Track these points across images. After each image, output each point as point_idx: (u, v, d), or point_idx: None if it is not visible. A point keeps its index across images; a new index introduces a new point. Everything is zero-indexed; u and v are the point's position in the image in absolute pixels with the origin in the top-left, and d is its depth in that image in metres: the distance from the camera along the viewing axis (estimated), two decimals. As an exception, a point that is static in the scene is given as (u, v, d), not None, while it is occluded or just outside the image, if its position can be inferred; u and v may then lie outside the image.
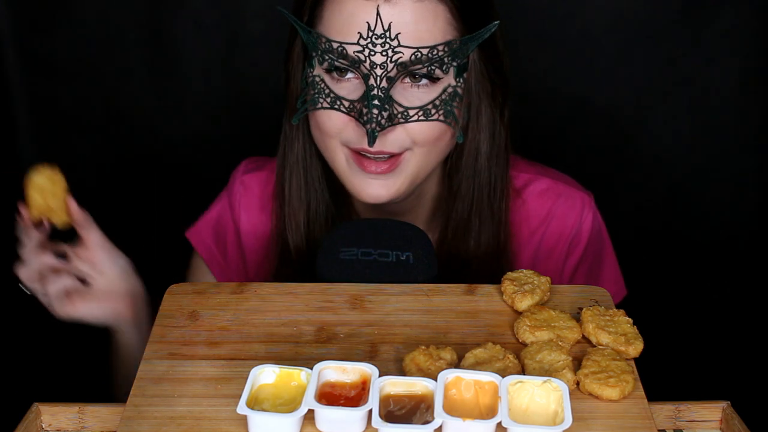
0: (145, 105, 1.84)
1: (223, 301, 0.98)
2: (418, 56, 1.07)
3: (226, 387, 0.85)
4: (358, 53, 1.07)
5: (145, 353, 0.90)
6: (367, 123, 1.08)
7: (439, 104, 1.10)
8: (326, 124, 1.12)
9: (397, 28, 1.06)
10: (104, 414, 0.90)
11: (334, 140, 1.13)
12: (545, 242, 1.27)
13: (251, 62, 1.80)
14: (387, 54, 1.07)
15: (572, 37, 1.77)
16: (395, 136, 1.11)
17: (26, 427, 0.87)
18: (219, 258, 1.33)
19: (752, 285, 1.90)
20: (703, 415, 0.91)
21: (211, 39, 1.79)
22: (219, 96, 1.83)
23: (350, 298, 0.98)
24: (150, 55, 1.80)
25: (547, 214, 1.27)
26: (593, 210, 1.29)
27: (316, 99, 1.12)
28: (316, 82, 1.12)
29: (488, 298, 0.99)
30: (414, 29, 1.07)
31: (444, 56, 1.08)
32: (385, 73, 1.07)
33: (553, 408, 0.80)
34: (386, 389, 0.80)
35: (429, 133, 1.11)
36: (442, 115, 1.10)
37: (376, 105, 1.07)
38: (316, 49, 1.10)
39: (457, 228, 1.21)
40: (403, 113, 1.09)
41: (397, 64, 1.07)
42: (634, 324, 0.92)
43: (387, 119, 1.08)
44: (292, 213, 1.22)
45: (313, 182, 1.22)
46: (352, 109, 1.10)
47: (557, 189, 1.28)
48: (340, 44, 1.08)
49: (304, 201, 1.22)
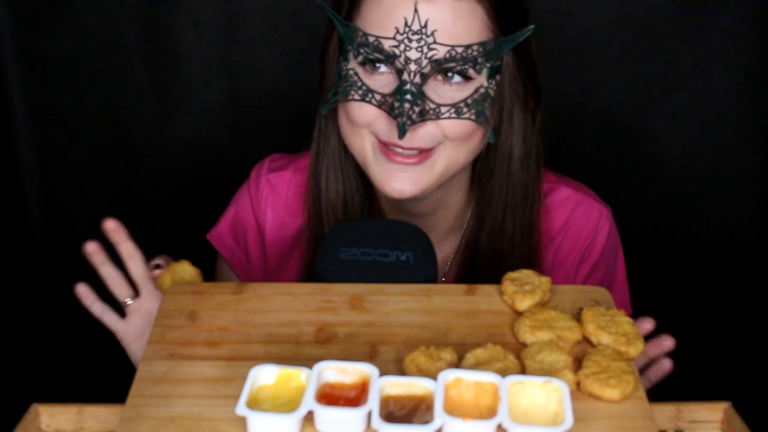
0: (145, 105, 1.84)
1: (223, 301, 0.98)
2: (452, 54, 1.08)
3: (225, 387, 0.84)
4: (394, 48, 1.08)
5: (144, 353, 0.90)
6: (398, 116, 1.08)
7: (471, 103, 1.11)
8: (356, 113, 1.13)
9: (434, 26, 1.07)
10: (103, 414, 0.90)
11: (363, 130, 1.15)
12: (561, 250, 1.29)
13: (251, 62, 1.80)
14: (422, 50, 1.08)
15: (572, 37, 1.77)
16: (426, 131, 1.12)
17: (25, 427, 0.87)
18: (241, 257, 1.34)
19: (753, 285, 1.89)
20: (705, 415, 0.90)
21: (211, 39, 1.79)
22: (219, 96, 1.83)
23: (350, 298, 0.98)
24: (150, 55, 1.80)
25: (566, 223, 1.29)
26: (610, 222, 1.30)
27: (347, 90, 1.13)
28: (350, 74, 1.13)
29: (488, 298, 0.99)
30: (451, 27, 1.08)
31: (478, 56, 1.09)
32: (419, 69, 1.08)
33: (553, 408, 0.80)
34: (386, 390, 0.80)
35: (460, 129, 1.12)
36: (473, 114, 1.11)
37: (408, 99, 1.08)
38: (352, 42, 1.11)
39: (492, 231, 1.22)
40: (434, 110, 1.10)
41: (431, 60, 1.08)
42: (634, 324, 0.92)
43: (418, 114, 1.09)
44: (329, 205, 1.24)
45: (348, 175, 1.24)
46: (383, 102, 1.11)
47: (576, 198, 1.30)
48: (376, 38, 1.09)
49: (341, 194, 1.24)
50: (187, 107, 1.84)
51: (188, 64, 1.81)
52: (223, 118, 1.85)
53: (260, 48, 1.78)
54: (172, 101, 1.84)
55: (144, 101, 1.83)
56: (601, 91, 1.82)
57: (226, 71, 1.82)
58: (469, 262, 1.27)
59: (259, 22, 1.77)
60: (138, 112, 1.84)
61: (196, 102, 1.84)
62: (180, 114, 1.85)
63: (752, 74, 1.80)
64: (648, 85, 1.82)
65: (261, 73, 1.81)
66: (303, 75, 1.78)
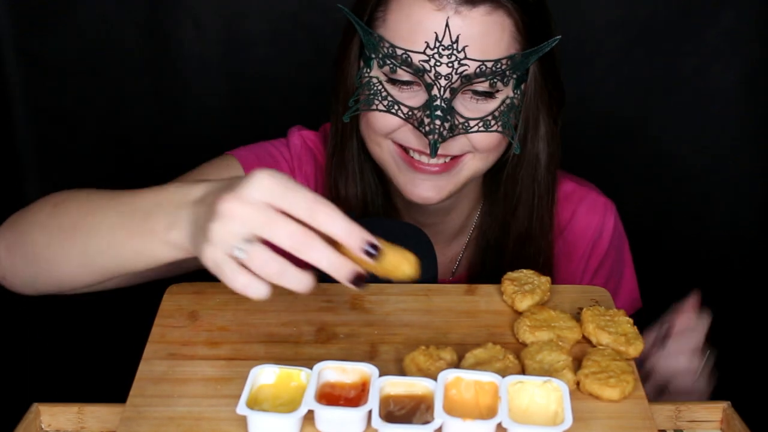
0: (145, 105, 1.84)
1: (223, 301, 0.98)
2: (482, 69, 1.07)
3: (225, 387, 0.85)
4: (424, 62, 1.06)
5: (144, 353, 0.90)
6: (429, 134, 1.07)
7: (498, 115, 1.10)
8: (379, 123, 1.12)
9: (465, 41, 1.06)
10: (104, 414, 0.90)
11: (382, 140, 1.14)
12: (568, 244, 1.28)
13: (251, 62, 1.80)
14: (453, 66, 1.06)
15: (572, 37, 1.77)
16: (456, 143, 1.11)
17: (26, 427, 0.87)
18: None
19: (753, 285, 1.89)
20: (704, 415, 0.91)
21: (211, 39, 1.79)
22: (219, 96, 1.83)
23: (350, 298, 0.98)
24: (150, 55, 1.80)
25: (572, 217, 1.29)
26: (615, 215, 1.31)
27: (371, 100, 1.11)
28: (373, 83, 1.11)
29: (488, 298, 0.99)
30: (481, 42, 1.06)
31: (506, 69, 1.08)
32: (449, 84, 1.07)
33: (553, 408, 0.80)
34: (386, 389, 0.80)
35: (489, 141, 1.12)
36: (500, 126, 1.11)
37: (439, 116, 1.07)
38: (377, 52, 1.09)
39: (519, 237, 1.22)
40: (463, 124, 1.09)
41: (461, 76, 1.07)
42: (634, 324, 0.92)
43: (448, 130, 1.08)
44: (347, 208, 1.20)
45: (368, 178, 1.22)
46: (411, 116, 1.10)
47: (581, 192, 1.30)
48: (405, 51, 1.07)
49: (360, 198, 1.22)
50: (187, 107, 1.84)
51: (188, 64, 1.81)
52: (223, 118, 1.85)
53: (260, 48, 1.78)
54: (172, 101, 1.84)
55: (144, 101, 1.83)
56: (601, 91, 1.82)
57: (226, 71, 1.82)
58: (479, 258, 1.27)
59: (259, 22, 1.77)
60: (138, 112, 1.84)
61: (196, 102, 1.84)
62: (180, 114, 1.85)
63: (752, 74, 1.80)
64: (648, 85, 1.82)
65: (261, 73, 1.80)
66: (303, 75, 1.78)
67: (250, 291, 0.77)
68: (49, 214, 0.99)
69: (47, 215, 0.99)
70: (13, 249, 1.03)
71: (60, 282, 1.00)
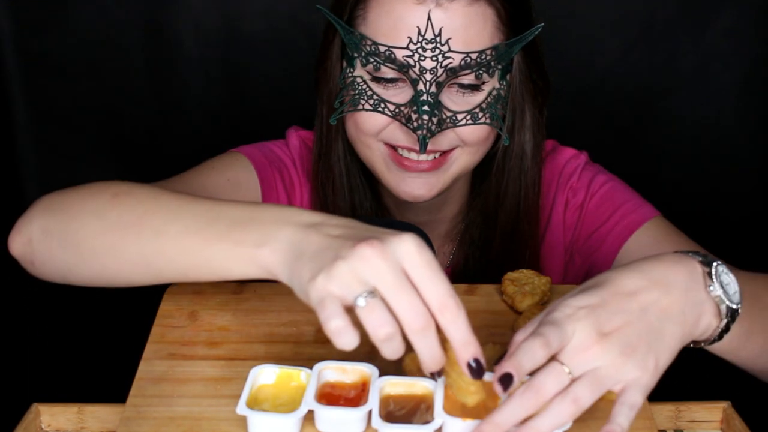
0: (145, 105, 1.84)
1: (223, 301, 0.98)
2: (467, 61, 1.06)
3: (225, 387, 0.85)
4: (408, 58, 1.06)
5: (144, 353, 0.90)
6: (418, 129, 1.07)
7: (486, 107, 1.10)
8: (366, 123, 1.12)
9: (448, 34, 1.05)
10: (103, 414, 0.90)
11: (371, 140, 1.13)
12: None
13: (251, 62, 1.80)
14: (437, 59, 1.06)
15: (572, 37, 1.77)
16: (444, 137, 1.11)
17: (26, 427, 0.88)
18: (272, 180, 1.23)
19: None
20: (704, 415, 0.91)
21: (211, 39, 1.79)
22: (219, 96, 1.83)
23: (350, 298, 0.98)
24: (150, 55, 1.80)
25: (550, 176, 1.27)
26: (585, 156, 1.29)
27: (356, 100, 1.10)
28: (357, 83, 1.10)
29: (488, 298, 0.99)
30: (464, 34, 1.06)
31: (491, 60, 1.08)
32: (435, 78, 1.06)
33: (553, 408, 0.80)
34: (386, 389, 0.80)
35: (477, 134, 1.12)
36: (488, 118, 1.11)
37: (426, 111, 1.07)
38: (359, 50, 1.09)
39: (505, 231, 1.21)
40: (451, 117, 1.09)
41: (446, 69, 1.06)
42: None
43: (437, 125, 1.08)
44: (336, 212, 1.20)
45: (356, 180, 1.22)
46: (398, 113, 1.09)
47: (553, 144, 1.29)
48: (388, 48, 1.06)
49: (348, 200, 1.22)
50: (187, 107, 1.84)
51: (188, 64, 1.81)
52: (223, 118, 1.85)
53: (260, 48, 1.78)
54: (172, 101, 1.84)
55: (144, 101, 1.83)
56: (601, 91, 1.82)
57: (226, 71, 1.82)
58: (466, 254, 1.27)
59: (259, 22, 1.77)
60: (138, 112, 1.84)
61: (196, 102, 1.84)
62: (180, 114, 1.85)
63: (752, 74, 1.80)
64: (648, 85, 1.82)
65: (261, 73, 1.81)
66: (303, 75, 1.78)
67: (341, 337, 0.71)
68: (107, 203, 0.90)
69: (105, 204, 0.91)
70: (52, 232, 0.93)
71: (100, 275, 0.92)
